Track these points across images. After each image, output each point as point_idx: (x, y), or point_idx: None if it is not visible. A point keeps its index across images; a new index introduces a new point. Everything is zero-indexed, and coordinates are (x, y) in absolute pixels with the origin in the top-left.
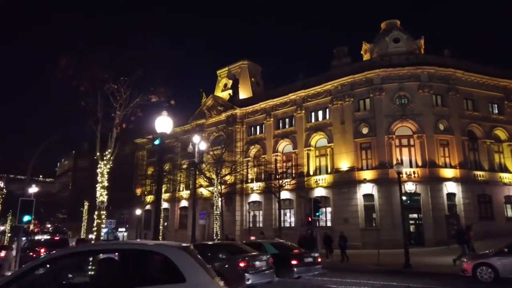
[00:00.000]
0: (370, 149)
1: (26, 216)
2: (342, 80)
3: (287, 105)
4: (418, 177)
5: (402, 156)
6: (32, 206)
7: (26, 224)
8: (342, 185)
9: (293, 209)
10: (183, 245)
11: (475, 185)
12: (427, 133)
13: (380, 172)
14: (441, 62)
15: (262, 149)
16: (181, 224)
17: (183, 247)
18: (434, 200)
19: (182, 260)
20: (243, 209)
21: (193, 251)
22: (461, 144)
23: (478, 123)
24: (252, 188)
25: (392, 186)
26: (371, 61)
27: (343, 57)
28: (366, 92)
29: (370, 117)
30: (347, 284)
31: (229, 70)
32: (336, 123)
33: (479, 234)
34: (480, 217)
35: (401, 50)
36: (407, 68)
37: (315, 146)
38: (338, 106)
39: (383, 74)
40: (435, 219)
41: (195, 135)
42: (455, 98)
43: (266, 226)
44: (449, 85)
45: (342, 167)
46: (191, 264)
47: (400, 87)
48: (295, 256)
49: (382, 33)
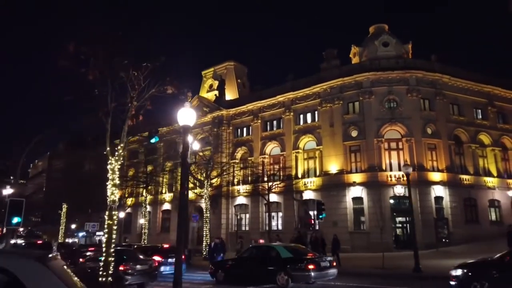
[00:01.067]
0: (360, 152)
1: (15, 218)
2: (332, 83)
3: (275, 107)
4: (406, 181)
5: (391, 160)
6: (22, 206)
7: (15, 227)
8: (331, 188)
9: (281, 212)
10: (40, 255)
11: (461, 189)
12: (416, 137)
13: (370, 175)
14: (429, 66)
15: (249, 151)
16: (163, 228)
17: (40, 257)
18: (423, 203)
19: (34, 278)
20: (229, 212)
21: (57, 263)
22: (448, 148)
23: (463, 127)
24: (238, 190)
25: (381, 189)
26: (361, 64)
27: (333, 60)
28: (355, 95)
29: (359, 120)
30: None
31: (214, 70)
32: (325, 125)
33: (465, 238)
34: (466, 221)
35: (390, 54)
36: (396, 72)
37: (303, 148)
38: (327, 109)
39: (372, 78)
40: (424, 222)
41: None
42: (442, 103)
43: (252, 229)
44: (436, 90)
45: (331, 170)
46: (48, 283)
47: (389, 90)
48: (312, 260)
49: (370, 37)
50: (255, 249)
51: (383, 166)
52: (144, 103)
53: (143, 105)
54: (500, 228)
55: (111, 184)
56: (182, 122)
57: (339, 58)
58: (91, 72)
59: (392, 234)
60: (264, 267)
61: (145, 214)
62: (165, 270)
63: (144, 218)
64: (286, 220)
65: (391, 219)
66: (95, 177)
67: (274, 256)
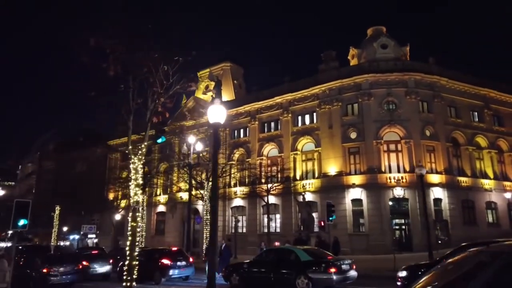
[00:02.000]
0: (359, 154)
1: (22, 220)
2: (330, 84)
3: (273, 108)
4: (406, 183)
5: (390, 162)
6: (29, 208)
7: (22, 229)
8: (330, 190)
9: (279, 214)
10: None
11: (459, 191)
12: (415, 139)
13: (369, 177)
14: (427, 69)
15: (246, 153)
16: (158, 230)
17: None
18: (422, 205)
19: None
20: (225, 214)
21: None
22: (446, 150)
23: (460, 130)
24: (235, 192)
25: (381, 191)
26: (360, 66)
27: (331, 61)
28: (354, 97)
29: (358, 121)
30: None
31: (210, 71)
32: (323, 127)
33: (463, 239)
34: (464, 222)
35: (389, 56)
36: (395, 74)
37: (302, 150)
38: (326, 110)
39: (371, 79)
40: (423, 224)
41: (187, 136)
42: (440, 105)
43: (250, 231)
44: (434, 92)
45: (330, 171)
46: None
47: (388, 92)
48: (333, 263)
49: (369, 39)
50: (272, 252)
51: (382, 168)
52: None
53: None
54: (497, 230)
55: (134, 184)
56: (213, 119)
57: (338, 59)
58: (112, 67)
59: (392, 236)
60: (281, 270)
61: (143, 216)
62: (173, 273)
63: (141, 220)
64: (284, 222)
65: (390, 221)
66: (87, 179)
67: (293, 259)
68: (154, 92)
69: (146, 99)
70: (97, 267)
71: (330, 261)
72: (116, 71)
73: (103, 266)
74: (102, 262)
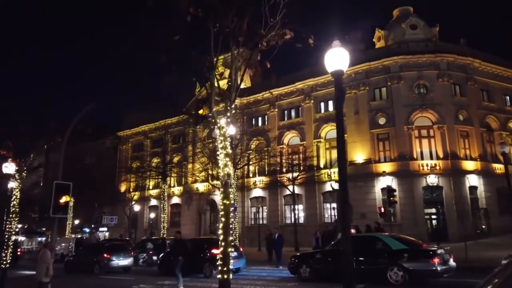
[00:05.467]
0: (388, 140)
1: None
2: (356, 68)
3: (294, 94)
4: (440, 170)
5: (422, 148)
6: (69, 191)
7: (62, 215)
8: (357, 179)
9: (302, 204)
10: None
11: (495, 178)
12: (448, 124)
13: (400, 164)
14: (459, 50)
15: (266, 142)
16: (172, 223)
17: None
18: (457, 193)
19: None
20: (244, 205)
21: None
22: (480, 135)
23: (494, 114)
24: (254, 182)
25: (413, 178)
26: (388, 48)
27: (356, 44)
28: (382, 81)
29: (387, 106)
30: None
31: (225, 58)
32: (349, 113)
33: (500, 229)
34: (500, 211)
35: (419, 37)
36: (427, 55)
37: (325, 138)
38: (352, 95)
39: (401, 62)
40: (459, 213)
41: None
42: (473, 89)
43: (271, 222)
44: (467, 75)
45: (357, 159)
46: None
47: (419, 75)
48: (434, 252)
49: (396, 20)
50: (352, 240)
51: (414, 155)
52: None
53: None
54: None
55: (223, 153)
56: (333, 67)
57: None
58: (193, 9)
59: (426, 226)
60: (366, 261)
61: (163, 207)
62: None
63: (162, 211)
64: (308, 213)
65: (423, 210)
66: (97, 171)
67: (382, 248)
68: (263, 32)
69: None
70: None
71: (429, 250)
72: (197, 13)
73: (126, 259)
74: (124, 255)
